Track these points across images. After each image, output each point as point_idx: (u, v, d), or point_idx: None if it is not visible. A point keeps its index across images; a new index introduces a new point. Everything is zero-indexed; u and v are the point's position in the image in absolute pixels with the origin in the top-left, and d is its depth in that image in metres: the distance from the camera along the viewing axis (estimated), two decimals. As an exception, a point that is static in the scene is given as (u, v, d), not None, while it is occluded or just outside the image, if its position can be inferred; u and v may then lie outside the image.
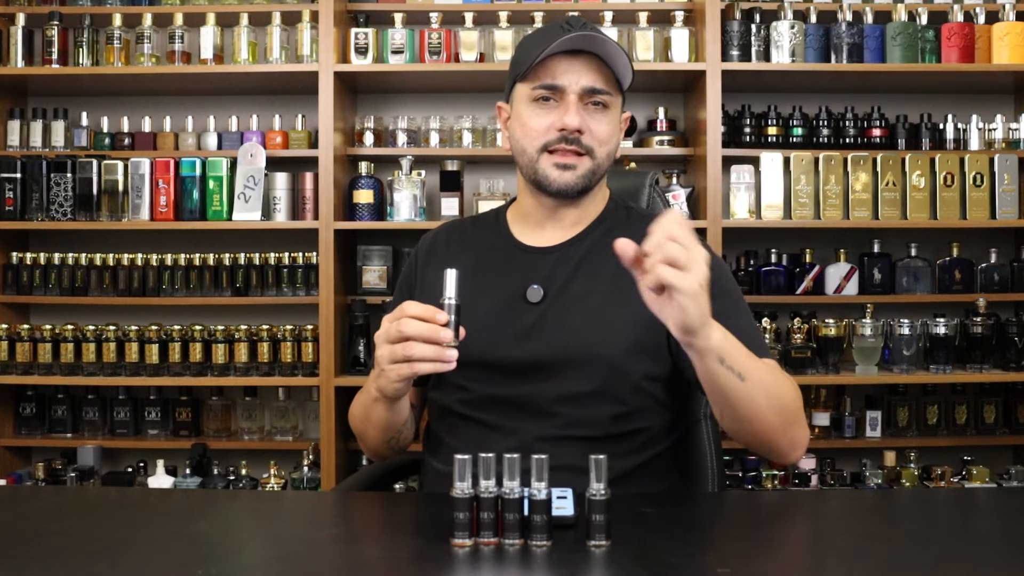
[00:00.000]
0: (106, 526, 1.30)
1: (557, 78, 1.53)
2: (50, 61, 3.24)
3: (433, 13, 3.22)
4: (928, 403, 3.28)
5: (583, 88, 1.53)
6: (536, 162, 1.55)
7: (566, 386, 1.51)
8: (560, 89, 1.53)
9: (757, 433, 1.41)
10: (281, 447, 3.26)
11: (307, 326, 3.21)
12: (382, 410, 1.50)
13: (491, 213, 1.75)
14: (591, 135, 1.54)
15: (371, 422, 1.55)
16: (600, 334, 1.52)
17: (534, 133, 1.55)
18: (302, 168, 3.28)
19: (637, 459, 1.55)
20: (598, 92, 1.54)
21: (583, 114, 1.53)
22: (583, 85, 1.53)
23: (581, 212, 1.62)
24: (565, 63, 1.53)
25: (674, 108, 3.44)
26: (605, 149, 1.56)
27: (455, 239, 1.70)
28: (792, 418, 1.43)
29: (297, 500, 1.84)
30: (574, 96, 1.53)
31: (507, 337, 1.53)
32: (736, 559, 1.16)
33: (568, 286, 1.57)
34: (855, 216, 3.17)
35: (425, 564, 1.09)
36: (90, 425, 3.30)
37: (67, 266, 3.26)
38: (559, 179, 1.54)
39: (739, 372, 1.33)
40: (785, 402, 1.41)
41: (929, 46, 3.18)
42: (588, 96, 1.54)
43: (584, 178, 1.55)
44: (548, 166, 1.55)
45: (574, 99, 1.53)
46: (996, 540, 1.25)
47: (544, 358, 1.51)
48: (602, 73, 1.54)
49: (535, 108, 1.55)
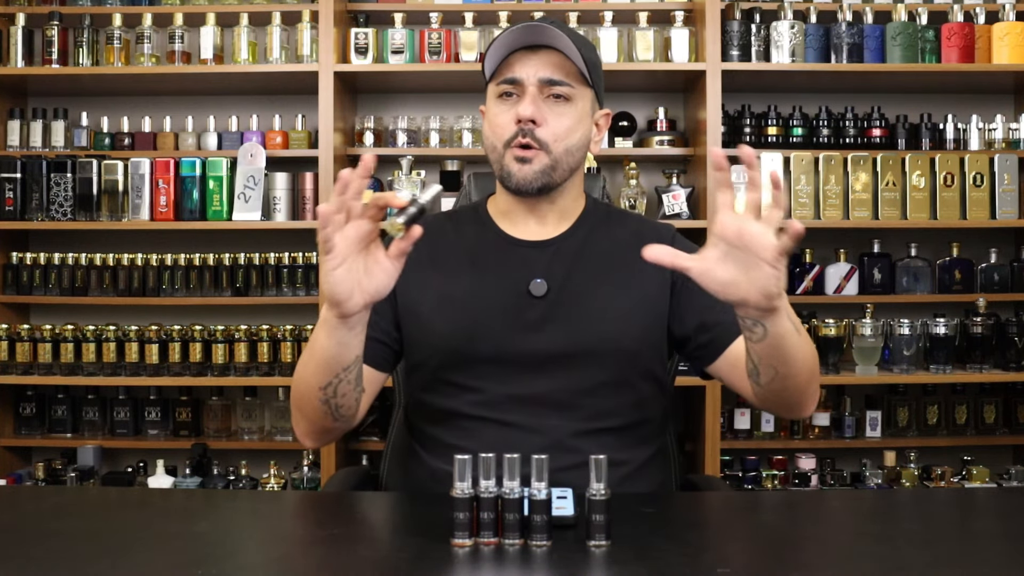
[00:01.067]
0: (106, 526, 1.30)
1: (515, 71, 1.54)
2: (50, 61, 3.24)
3: (433, 13, 3.23)
4: (928, 403, 3.28)
5: (540, 80, 1.53)
6: (502, 158, 1.55)
7: (586, 377, 1.51)
8: (519, 82, 1.53)
9: (798, 385, 1.41)
10: (281, 447, 3.26)
11: (307, 326, 3.21)
12: (324, 337, 1.34)
13: (467, 208, 1.71)
14: (547, 128, 1.52)
15: (312, 358, 1.39)
16: (612, 324, 1.53)
17: (499, 130, 1.55)
18: (302, 168, 3.28)
19: (651, 448, 1.58)
20: (556, 83, 1.53)
21: (542, 106, 1.53)
22: (540, 76, 1.53)
23: (559, 209, 1.60)
24: (524, 57, 1.54)
25: (674, 108, 3.44)
26: (563, 144, 1.53)
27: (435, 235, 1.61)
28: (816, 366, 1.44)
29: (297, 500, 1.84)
30: (532, 88, 1.52)
31: (517, 331, 1.52)
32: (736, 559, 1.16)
33: (570, 279, 1.56)
34: (855, 216, 3.17)
35: (425, 564, 1.09)
36: (90, 425, 3.30)
37: (67, 266, 3.26)
38: (518, 173, 1.53)
39: (796, 323, 1.34)
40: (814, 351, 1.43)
41: (929, 46, 3.18)
42: (547, 88, 1.53)
43: (542, 173, 1.53)
44: (510, 161, 1.54)
45: (532, 91, 1.52)
46: (996, 540, 1.25)
47: (560, 350, 1.50)
48: (563, 66, 1.54)
49: (499, 104, 1.56)
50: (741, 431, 3.24)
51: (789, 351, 1.34)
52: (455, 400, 1.52)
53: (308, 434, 1.50)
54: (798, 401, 1.46)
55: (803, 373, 1.39)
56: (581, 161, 1.60)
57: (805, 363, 1.38)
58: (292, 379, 1.48)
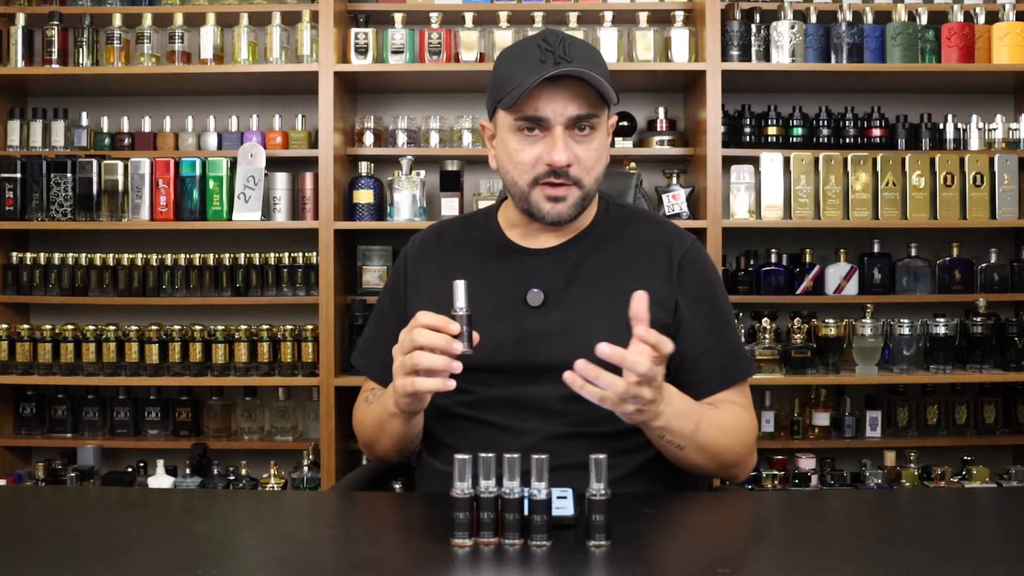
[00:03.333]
0: (106, 526, 1.30)
1: (540, 110, 1.49)
2: (50, 61, 3.24)
3: (433, 13, 3.22)
4: (928, 403, 3.28)
5: (568, 118, 1.50)
6: (528, 195, 1.54)
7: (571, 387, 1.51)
8: (544, 120, 1.50)
9: (695, 472, 1.55)
10: (281, 447, 3.26)
11: (307, 326, 3.21)
12: (398, 424, 1.50)
13: (479, 213, 1.73)
14: (579, 165, 1.52)
15: (386, 434, 1.55)
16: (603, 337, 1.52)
17: (523, 167, 1.52)
18: (302, 168, 3.28)
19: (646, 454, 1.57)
20: (583, 118, 1.51)
21: (570, 144, 1.51)
22: (568, 115, 1.50)
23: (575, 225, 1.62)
24: (548, 92, 1.49)
25: (674, 108, 3.44)
26: (593, 174, 1.55)
27: (446, 240, 1.68)
28: (731, 464, 1.54)
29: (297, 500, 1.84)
30: (560, 128, 1.50)
31: (510, 341, 1.53)
32: (736, 559, 1.16)
33: (567, 289, 1.57)
34: (855, 216, 3.17)
35: (425, 564, 1.09)
36: (90, 425, 3.30)
37: (67, 266, 3.26)
38: (551, 211, 1.54)
39: (678, 444, 1.44)
40: (723, 458, 1.51)
41: (929, 46, 3.18)
42: (573, 123, 1.51)
43: (575, 207, 1.55)
44: (540, 199, 1.53)
45: (560, 132, 1.49)
46: (996, 540, 1.25)
47: (549, 362, 1.50)
48: (586, 96, 1.50)
49: (520, 139, 1.52)
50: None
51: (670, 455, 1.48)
52: (446, 399, 1.55)
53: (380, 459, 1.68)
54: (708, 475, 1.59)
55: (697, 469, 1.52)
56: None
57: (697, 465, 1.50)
58: (358, 431, 1.67)
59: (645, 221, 1.67)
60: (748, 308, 3.29)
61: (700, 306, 1.58)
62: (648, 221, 1.68)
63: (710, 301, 1.59)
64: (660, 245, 1.61)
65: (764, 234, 3.31)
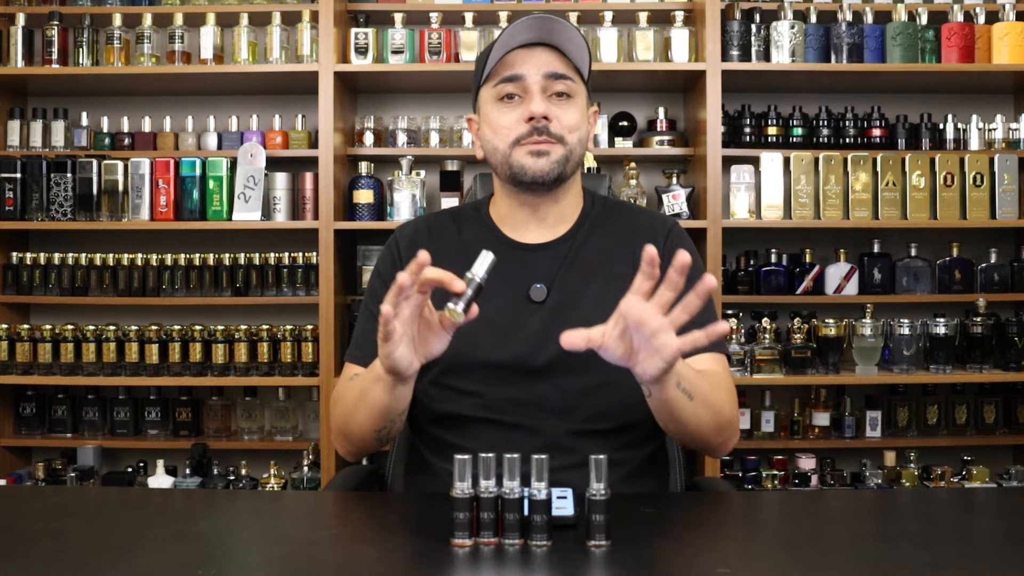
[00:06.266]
0: (106, 526, 1.30)
1: (517, 68, 1.54)
2: (50, 61, 3.24)
3: (433, 13, 3.23)
4: (928, 403, 3.28)
5: (544, 74, 1.53)
6: (510, 156, 1.55)
7: (582, 381, 1.51)
8: (521, 79, 1.53)
9: (694, 438, 1.49)
10: (281, 447, 3.26)
11: (307, 326, 3.21)
12: (381, 391, 1.39)
13: (469, 208, 1.71)
14: (559, 123, 1.54)
15: (365, 404, 1.45)
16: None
17: (504, 131, 1.55)
18: (302, 168, 3.28)
19: (649, 449, 1.59)
20: (560, 77, 1.54)
21: (549, 104, 1.54)
22: (544, 71, 1.53)
23: (561, 209, 1.61)
24: (523, 54, 1.54)
25: (674, 108, 3.44)
26: (575, 135, 1.56)
27: (438, 234, 1.65)
28: (726, 424, 1.50)
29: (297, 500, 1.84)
30: (537, 85, 1.53)
31: (516, 339, 1.52)
32: (736, 559, 1.16)
33: (568, 283, 1.57)
34: (855, 216, 3.17)
35: (425, 564, 1.09)
36: (90, 425, 3.30)
37: (67, 266, 3.26)
38: (534, 166, 1.54)
39: (690, 392, 1.39)
40: (723, 412, 1.48)
41: (929, 46, 3.18)
42: (551, 84, 1.54)
43: (559, 164, 1.54)
44: (522, 155, 1.54)
45: (537, 88, 1.53)
46: (996, 540, 1.25)
47: (557, 357, 1.50)
48: (562, 61, 1.54)
49: (501, 107, 1.55)
50: (741, 431, 3.22)
51: (678, 414, 1.40)
52: (456, 403, 1.53)
53: (351, 454, 1.58)
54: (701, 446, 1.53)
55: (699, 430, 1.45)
56: (583, 156, 1.61)
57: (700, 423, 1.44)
58: (335, 411, 1.56)
59: (628, 210, 1.70)
60: (748, 308, 3.29)
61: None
62: (630, 210, 1.71)
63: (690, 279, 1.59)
64: (645, 229, 1.62)
65: (764, 234, 3.31)
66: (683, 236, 1.65)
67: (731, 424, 1.51)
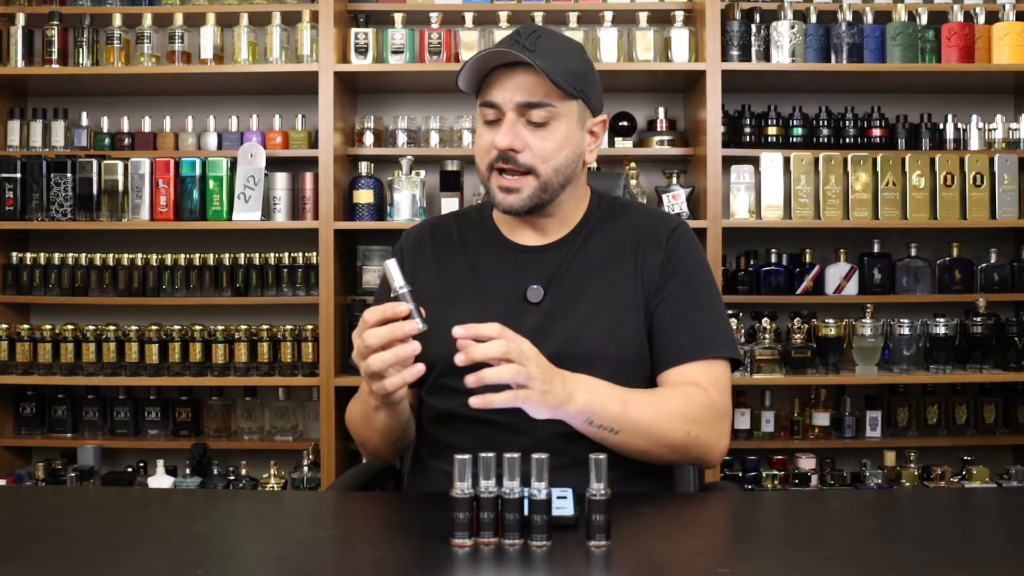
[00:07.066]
0: (106, 526, 1.30)
1: (492, 95, 1.52)
2: (50, 61, 3.24)
3: (433, 13, 3.23)
4: (928, 403, 3.28)
5: (516, 104, 1.50)
6: (488, 181, 1.56)
7: None
8: (496, 106, 1.51)
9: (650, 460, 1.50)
10: (281, 447, 3.26)
11: (307, 326, 3.21)
12: (384, 416, 1.50)
13: (472, 210, 1.72)
14: (531, 152, 1.51)
15: (373, 428, 1.54)
16: (604, 331, 1.53)
17: (481, 152, 1.55)
18: (302, 168, 3.28)
19: None
20: (534, 106, 1.50)
21: (522, 132, 1.51)
22: (516, 101, 1.50)
23: (560, 219, 1.61)
24: (503, 78, 1.51)
25: (674, 108, 3.44)
26: (550, 165, 1.52)
27: (440, 237, 1.67)
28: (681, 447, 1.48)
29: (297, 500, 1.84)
30: (511, 114, 1.50)
31: None
32: (736, 559, 1.16)
33: (565, 285, 1.57)
34: (855, 216, 3.17)
35: (425, 564, 1.09)
36: (90, 425, 3.30)
37: (67, 266, 3.26)
38: (504, 201, 1.54)
39: (609, 428, 1.41)
40: (669, 438, 1.46)
41: (929, 46, 3.18)
42: (526, 111, 1.51)
43: (529, 199, 1.53)
44: (495, 186, 1.55)
45: (510, 116, 1.50)
46: (996, 540, 1.25)
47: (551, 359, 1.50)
48: (541, 86, 1.49)
49: (483, 127, 1.55)
50: (741, 431, 3.24)
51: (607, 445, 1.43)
52: (452, 401, 1.54)
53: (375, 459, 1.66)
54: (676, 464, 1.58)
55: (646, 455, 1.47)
56: (575, 173, 1.58)
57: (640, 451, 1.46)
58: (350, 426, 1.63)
59: (635, 209, 1.68)
60: (748, 308, 3.29)
61: (673, 281, 1.57)
62: (637, 209, 1.69)
63: (685, 276, 1.58)
64: (649, 229, 1.61)
65: (764, 234, 3.31)
66: (687, 236, 1.63)
67: (691, 446, 1.48)
